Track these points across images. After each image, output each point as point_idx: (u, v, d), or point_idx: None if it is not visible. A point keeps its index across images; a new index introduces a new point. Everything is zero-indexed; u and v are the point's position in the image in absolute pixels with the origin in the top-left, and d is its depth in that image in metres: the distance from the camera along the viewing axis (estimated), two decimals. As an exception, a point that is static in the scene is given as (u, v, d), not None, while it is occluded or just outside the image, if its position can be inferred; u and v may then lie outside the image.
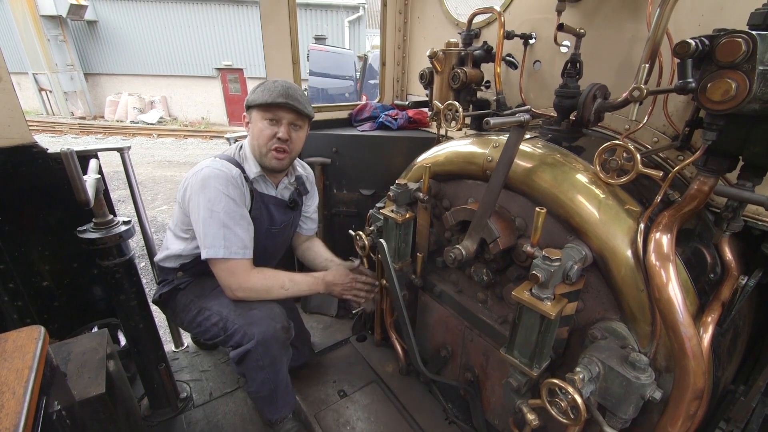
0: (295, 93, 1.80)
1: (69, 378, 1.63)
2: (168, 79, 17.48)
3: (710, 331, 1.12)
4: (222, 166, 1.78)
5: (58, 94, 16.38)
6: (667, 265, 1.09)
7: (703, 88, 1.05)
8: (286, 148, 1.84)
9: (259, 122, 1.81)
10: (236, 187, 1.78)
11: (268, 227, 1.96)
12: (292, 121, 1.83)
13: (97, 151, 2.06)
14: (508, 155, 1.32)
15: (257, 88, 1.81)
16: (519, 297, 1.22)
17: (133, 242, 1.87)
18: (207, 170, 1.75)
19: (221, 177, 1.74)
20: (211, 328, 1.83)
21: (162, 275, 2.03)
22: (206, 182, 1.73)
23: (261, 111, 1.79)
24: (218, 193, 1.72)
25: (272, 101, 1.75)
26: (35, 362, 1.16)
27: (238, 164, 1.85)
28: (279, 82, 1.81)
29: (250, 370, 1.80)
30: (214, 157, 1.87)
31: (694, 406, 1.07)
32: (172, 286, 1.97)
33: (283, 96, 1.75)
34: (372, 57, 9.59)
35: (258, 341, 1.73)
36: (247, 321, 1.76)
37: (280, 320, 1.81)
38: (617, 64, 1.71)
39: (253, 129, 1.84)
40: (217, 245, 1.72)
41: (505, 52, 1.96)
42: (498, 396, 1.81)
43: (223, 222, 1.72)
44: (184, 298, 1.94)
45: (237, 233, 1.75)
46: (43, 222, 2.14)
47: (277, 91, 1.76)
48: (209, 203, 1.71)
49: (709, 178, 1.23)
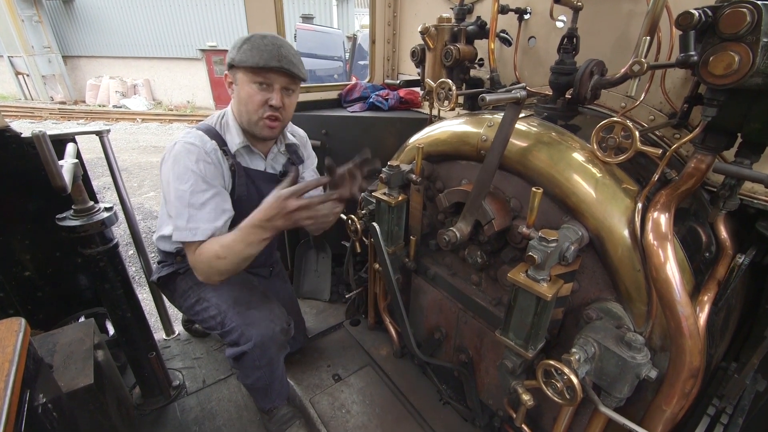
0: (289, 53, 1.59)
1: (55, 370, 1.59)
2: (151, 62, 16.90)
3: (706, 310, 1.12)
4: (195, 140, 1.60)
5: (36, 78, 15.76)
6: (665, 244, 1.07)
7: (705, 61, 1.02)
8: (278, 116, 1.66)
9: (247, 86, 1.60)
10: (209, 163, 1.59)
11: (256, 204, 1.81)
12: (285, 85, 1.63)
13: (74, 135, 1.97)
14: (504, 134, 1.28)
15: (243, 45, 1.56)
16: (515, 279, 1.20)
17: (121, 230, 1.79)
18: (179, 145, 1.58)
19: (192, 152, 1.56)
20: (208, 320, 1.78)
21: (162, 256, 1.94)
22: (176, 158, 1.56)
23: (249, 73, 1.57)
24: (186, 169, 1.55)
25: (265, 65, 1.53)
26: (16, 355, 1.12)
27: (217, 135, 1.67)
28: (269, 38, 1.58)
29: (245, 369, 1.78)
30: (192, 126, 1.69)
31: (690, 385, 1.07)
32: (172, 269, 1.88)
33: (277, 58, 1.54)
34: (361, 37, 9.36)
35: (256, 344, 1.68)
36: (246, 321, 1.70)
37: (280, 322, 1.76)
38: (614, 39, 1.66)
39: (240, 93, 1.63)
40: (181, 227, 1.55)
41: (499, 27, 1.89)
42: (492, 376, 1.81)
43: (189, 201, 1.55)
44: (183, 284, 1.87)
45: (203, 213, 1.56)
46: (22, 210, 2.06)
47: (269, 51, 1.54)
48: (177, 181, 1.55)
49: (707, 156, 1.21)
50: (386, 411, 2.10)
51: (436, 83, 1.60)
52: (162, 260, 1.94)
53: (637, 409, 1.23)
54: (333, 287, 2.99)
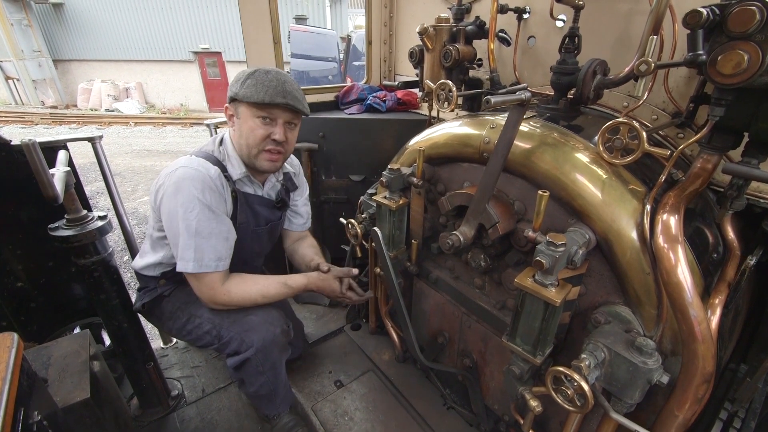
0: (293, 89, 1.60)
1: (50, 384, 1.54)
2: (143, 65, 16.78)
3: (718, 314, 1.11)
4: (198, 166, 1.56)
5: (27, 83, 15.60)
6: (675, 247, 1.05)
7: (713, 60, 1.00)
8: (281, 149, 1.66)
9: (250, 120, 1.59)
10: (213, 190, 1.57)
11: (254, 228, 1.81)
12: (288, 120, 1.65)
13: (65, 142, 1.93)
14: (508, 136, 1.25)
15: (246, 80, 1.56)
16: (522, 284, 1.18)
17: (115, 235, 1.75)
18: (181, 171, 1.54)
19: (197, 179, 1.53)
20: (203, 336, 1.73)
21: (142, 282, 1.86)
22: (180, 185, 1.53)
23: (253, 108, 1.58)
24: (192, 198, 1.52)
25: (270, 101, 1.54)
26: (8, 373, 1.07)
27: (218, 162, 1.65)
28: (272, 74, 1.58)
29: (249, 376, 1.74)
30: (191, 154, 1.66)
31: (703, 390, 1.05)
32: (155, 294, 1.81)
33: (282, 95, 1.55)
34: (355, 37, 9.33)
35: (257, 349, 1.65)
36: (244, 328, 1.67)
37: (279, 324, 1.74)
38: (614, 38, 1.65)
39: (242, 127, 1.62)
40: (188, 257, 1.55)
41: (498, 27, 1.87)
42: (497, 381, 1.79)
43: (196, 230, 1.54)
44: (170, 306, 1.81)
45: (210, 243, 1.57)
46: (14, 219, 2.01)
47: (273, 87, 1.55)
48: (182, 210, 1.53)
49: (713, 156, 1.19)
50: (390, 417, 2.07)
51: (435, 84, 1.57)
52: (143, 287, 1.86)
53: (648, 415, 1.21)
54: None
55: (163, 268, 1.79)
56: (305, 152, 2.61)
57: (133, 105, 15.92)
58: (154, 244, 1.77)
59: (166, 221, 1.59)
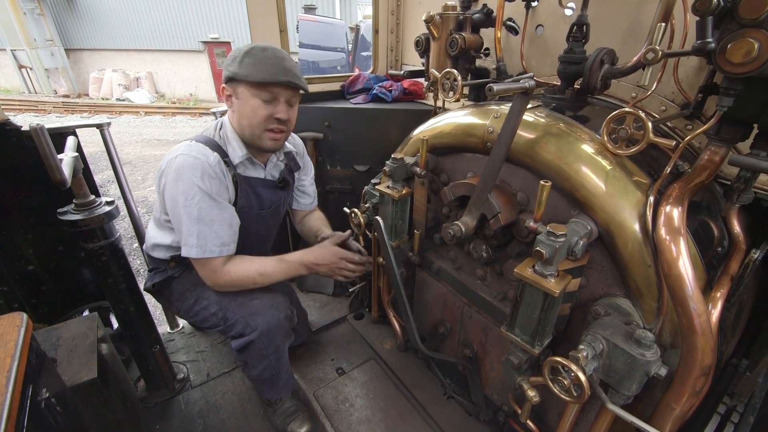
0: (292, 66, 1.58)
1: (59, 364, 1.59)
2: (153, 54, 16.86)
3: (719, 307, 1.09)
4: (198, 153, 1.56)
5: (39, 71, 15.78)
6: (677, 239, 1.04)
7: (722, 48, 0.98)
8: (283, 128, 1.66)
9: (251, 100, 1.57)
10: (213, 177, 1.58)
11: (258, 211, 1.83)
12: (289, 98, 1.63)
13: (74, 128, 1.95)
14: (511, 125, 1.24)
15: (244, 58, 1.54)
16: (521, 274, 1.18)
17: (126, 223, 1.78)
18: (181, 158, 1.55)
19: (196, 167, 1.53)
20: (209, 318, 1.77)
21: (153, 264, 1.90)
22: (180, 173, 1.53)
23: (254, 88, 1.55)
24: (192, 185, 1.53)
25: (272, 80, 1.52)
26: (17, 350, 1.11)
27: (218, 147, 1.65)
28: (270, 50, 1.55)
29: (252, 359, 1.77)
30: (191, 140, 1.64)
31: (701, 383, 1.05)
32: (166, 275, 1.86)
33: (283, 72, 1.53)
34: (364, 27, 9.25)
35: (261, 332, 1.68)
36: (249, 311, 1.70)
37: (283, 309, 1.76)
38: (625, 27, 1.61)
39: (243, 108, 1.60)
40: (191, 243, 1.58)
41: (505, 15, 1.84)
42: (497, 372, 1.80)
43: (198, 217, 1.55)
44: (180, 287, 1.85)
45: (213, 229, 1.59)
46: (25, 204, 2.05)
47: (274, 65, 1.52)
48: (183, 197, 1.54)
49: (721, 148, 1.17)
50: (390, 405, 2.09)
51: (440, 73, 1.56)
52: (153, 267, 1.90)
53: (645, 407, 1.20)
54: (336, 281, 2.98)
55: (172, 252, 1.82)
56: (310, 141, 2.61)
57: (143, 94, 16.03)
58: (162, 227, 1.79)
59: (169, 208, 1.61)
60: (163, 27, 16.24)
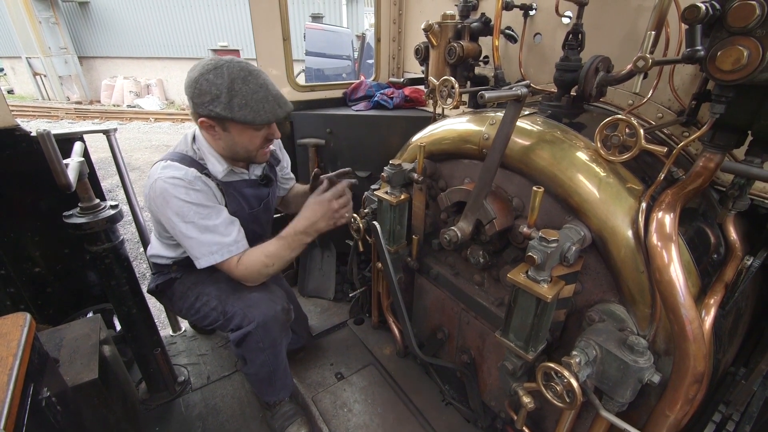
0: (278, 92, 1.60)
1: (61, 364, 1.62)
2: (164, 62, 17.17)
3: (712, 314, 1.09)
4: (176, 173, 1.57)
5: (53, 79, 16.13)
6: (669, 245, 1.04)
7: (712, 56, 0.99)
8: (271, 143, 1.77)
9: (246, 134, 1.62)
10: (198, 190, 1.61)
11: (249, 212, 1.87)
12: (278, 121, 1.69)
13: (82, 134, 2.01)
14: (505, 132, 1.26)
15: (231, 99, 1.49)
16: (514, 279, 1.18)
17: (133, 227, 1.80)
18: (159, 183, 1.56)
19: (178, 186, 1.56)
20: (210, 313, 1.80)
21: (156, 268, 1.97)
22: (164, 197, 1.56)
23: (251, 129, 1.60)
24: (181, 204, 1.57)
25: (275, 120, 1.60)
26: (20, 349, 1.14)
27: (194, 162, 1.67)
28: (252, 82, 1.52)
29: (249, 352, 1.79)
30: (164, 159, 1.65)
31: (694, 390, 1.04)
32: (168, 276, 1.92)
33: (279, 106, 1.58)
34: (370, 36, 9.34)
35: (258, 323, 1.70)
36: (247, 304, 1.73)
37: (281, 302, 1.79)
38: (622, 35, 1.62)
39: (236, 140, 1.63)
40: (207, 252, 1.64)
41: (504, 24, 1.86)
42: (494, 378, 1.79)
43: (204, 226, 1.61)
44: (182, 286, 1.90)
45: (220, 231, 1.64)
46: (33, 207, 2.10)
47: (269, 103, 1.54)
48: (178, 216, 1.58)
49: (716, 155, 1.18)
50: (388, 411, 2.09)
51: (439, 81, 1.59)
52: (157, 271, 1.97)
53: (640, 414, 1.20)
54: (337, 286, 3.00)
55: (174, 259, 1.90)
56: (312, 148, 2.65)
57: (153, 101, 16.29)
58: (162, 243, 1.87)
59: (171, 229, 1.66)
60: (173, 35, 16.57)
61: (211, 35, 16.22)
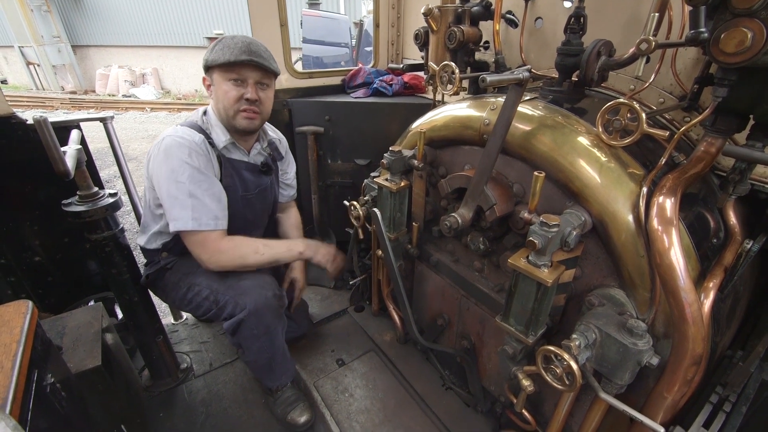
0: (258, 48, 1.68)
1: (64, 352, 1.63)
2: (159, 50, 16.91)
3: (711, 297, 1.10)
4: (184, 134, 1.67)
5: (47, 68, 15.90)
6: (669, 229, 1.04)
7: (716, 38, 0.98)
8: (256, 109, 1.75)
9: (223, 84, 1.69)
10: (200, 154, 1.67)
11: (242, 194, 1.87)
12: (258, 79, 1.72)
13: (78, 122, 1.99)
14: (506, 116, 1.25)
15: (215, 46, 1.67)
16: (515, 264, 1.19)
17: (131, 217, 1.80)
18: (168, 140, 1.65)
19: (183, 145, 1.64)
20: (202, 303, 1.80)
21: (147, 257, 1.97)
22: (168, 152, 1.63)
23: (223, 71, 1.67)
24: (181, 162, 1.62)
25: (235, 59, 1.62)
26: (23, 336, 1.14)
27: (202, 130, 1.75)
28: (238, 37, 1.67)
29: (245, 340, 1.80)
30: (177, 124, 1.76)
31: (692, 372, 1.06)
32: (158, 266, 1.91)
33: (246, 53, 1.63)
34: (368, 23, 9.20)
35: (250, 310, 1.71)
36: (238, 292, 1.74)
37: (271, 288, 1.79)
38: (624, 19, 1.60)
39: (217, 92, 1.72)
40: (185, 216, 1.63)
41: (504, 8, 1.84)
42: (494, 363, 1.81)
43: (189, 191, 1.63)
44: (173, 277, 1.89)
45: (205, 203, 1.66)
46: (31, 196, 2.09)
47: (239, 47, 1.63)
48: (173, 174, 1.62)
49: (717, 139, 1.17)
50: (389, 395, 2.12)
51: (439, 66, 1.57)
52: (148, 261, 1.97)
53: (638, 396, 1.21)
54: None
55: (163, 239, 1.88)
56: (311, 135, 2.63)
57: (149, 91, 16.10)
58: (153, 215, 1.86)
59: (159, 187, 1.67)
60: (168, 23, 16.29)
61: (206, 23, 15.95)
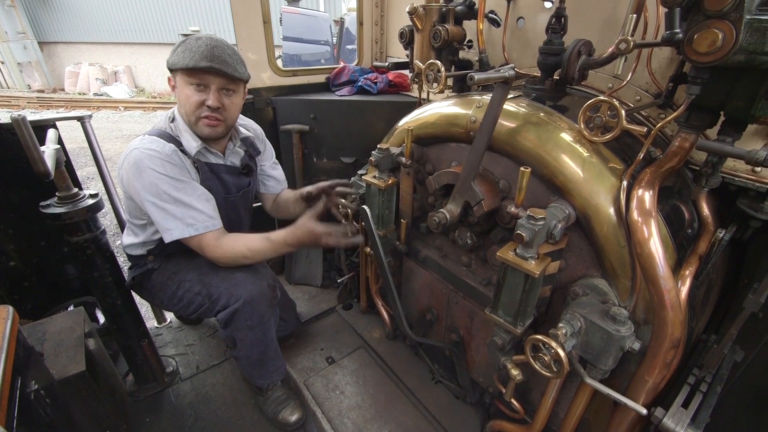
0: (223, 53, 1.57)
1: (46, 358, 1.58)
2: (132, 47, 16.37)
3: (688, 284, 1.16)
4: (153, 145, 1.58)
5: (12, 66, 15.18)
6: (648, 220, 1.10)
7: (689, 39, 1.03)
8: (218, 116, 1.64)
9: (185, 88, 1.59)
10: (174, 164, 1.60)
11: (225, 196, 1.83)
12: (222, 86, 1.61)
13: (55, 121, 1.92)
14: (493, 113, 1.28)
15: (178, 47, 1.56)
16: (503, 257, 1.22)
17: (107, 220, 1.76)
18: (136, 153, 1.56)
19: (154, 158, 1.55)
20: (194, 299, 1.77)
21: (132, 261, 1.91)
22: (139, 166, 1.54)
23: (185, 75, 1.57)
24: (156, 176, 1.55)
25: (195, 65, 1.51)
26: (5, 342, 1.11)
27: (172, 138, 1.66)
28: (203, 39, 1.55)
29: (239, 331, 1.78)
30: (143, 134, 1.66)
31: (671, 355, 1.11)
32: (145, 268, 1.86)
33: (208, 58, 1.52)
34: (348, 20, 9.17)
35: (245, 300, 1.70)
36: (232, 283, 1.72)
37: (266, 279, 1.78)
38: (602, 19, 1.66)
39: (179, 95, 1.62)
40: (178, 226, 1.60)
41: (487, 8, 1.88)
42: (482, 355, 1.86)
43: (175, 199, 1.58)
44: (160, 277, 1.85)
45: (196, 207, 1.62)
46: (4, 199, 2.01)
47: (200, 52, 1.52)
48: (152, 187, 1.55)
49: (691, 134, 1.23)
50: (379, 391, 2.14)
51: (424, 65, 1.59)
52: (133, 264, 1.92)
53: (621, 380, 1.27)
54: (325, 272, 3.01)
55: (148, 247, 1.84)
56: (296, 134, 2.62)
57: (122, 89, 15.56)
58: (134, 226, 1.82)
59: (140, 202, 1.61)
60: (141, 19, 15.76)
61: (181, 19, 15.53)
